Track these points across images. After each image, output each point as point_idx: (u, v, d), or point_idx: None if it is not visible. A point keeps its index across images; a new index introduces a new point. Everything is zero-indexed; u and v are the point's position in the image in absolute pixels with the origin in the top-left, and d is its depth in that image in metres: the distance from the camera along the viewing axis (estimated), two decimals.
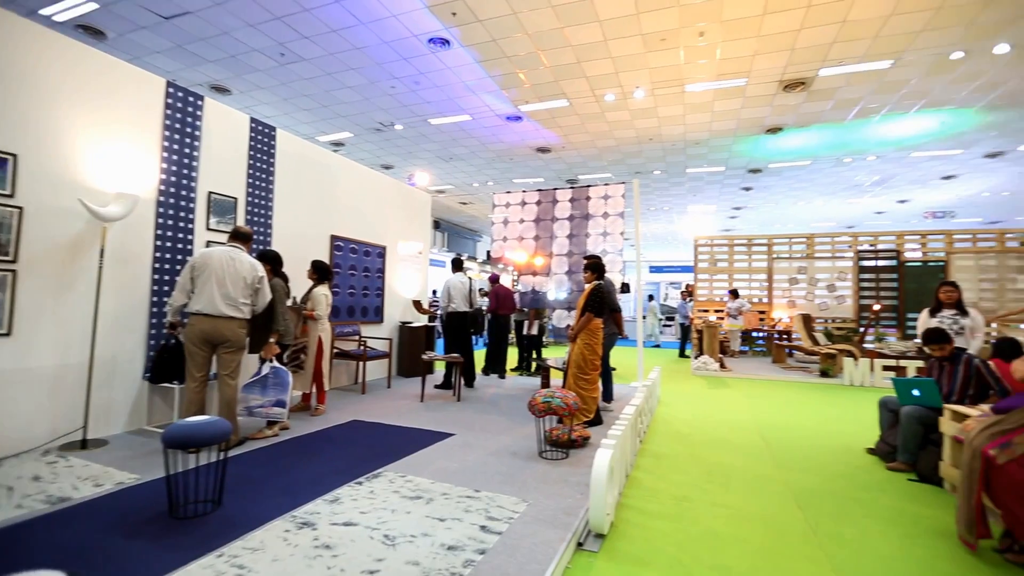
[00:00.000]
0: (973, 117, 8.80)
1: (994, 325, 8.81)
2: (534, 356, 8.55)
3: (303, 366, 4.91)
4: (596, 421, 4.65)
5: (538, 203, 7.27)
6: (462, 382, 6.26)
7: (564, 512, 2.74)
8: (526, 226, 7.29)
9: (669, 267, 25.88)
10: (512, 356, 9.23)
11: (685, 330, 12.07)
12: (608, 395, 5.58)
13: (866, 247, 10.71)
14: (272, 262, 4.31)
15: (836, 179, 12.84)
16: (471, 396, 6.13)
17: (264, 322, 4.08)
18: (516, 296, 7.35)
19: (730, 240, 11.83)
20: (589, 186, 6.96)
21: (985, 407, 3.14)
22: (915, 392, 3.80)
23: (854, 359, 8.09)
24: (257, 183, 5.28)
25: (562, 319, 6.77)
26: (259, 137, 5.34)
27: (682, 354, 11.96)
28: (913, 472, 3.72)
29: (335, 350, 6.14)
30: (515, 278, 7.87)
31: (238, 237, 3.95)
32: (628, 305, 18.38)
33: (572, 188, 7.09)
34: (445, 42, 6.83)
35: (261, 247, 5.22)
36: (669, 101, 8.37)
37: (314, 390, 5.00)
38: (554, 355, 8.08)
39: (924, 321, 4.92)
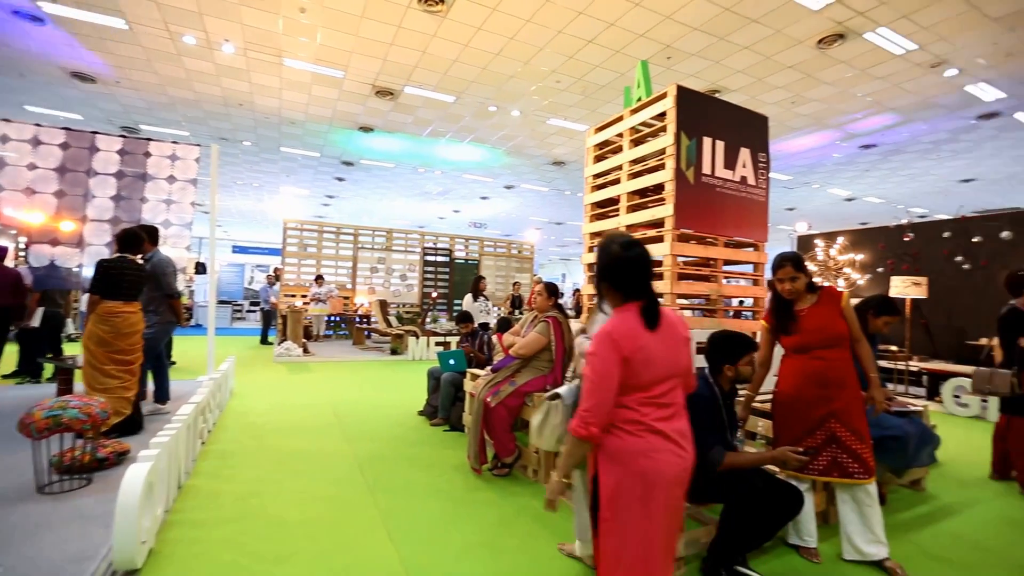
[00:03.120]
0: (500, 157, 12.05)
1: (500, 308, 12.37)
2: (49, 356, 6.13)
3: None
4: (132, 428, 3.77)
5: (64, 146, 5.32)
6: None
7: (73, 560, 2.08)
8: (41, 175, 5.21)
9: (257, 248, 24.05)
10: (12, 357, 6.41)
11: (267, 316, 11.45)
12: (163, 394, 4.65)
13: (430, 245, 13.01)
14: None
15: (413, 184, 15.02)
16: None
17: None
18: (26, 273, 5.14)
19: (320, 226, 12.03)
20: (150, 140, 5.60)
21: (488, 368, 4.32)
22: (451, 361, 4.85)
23: (416, 338, 9.70)
24: None
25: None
26: None
27: (264, 340, 11.32)
28: (447, 424, 4.74)
29: None
30: (22, 247, 5.52)
31: None
32: (203, 288, 16.00)
33: (124, 137, 5.53)
34: None
35: None
36: (264, 69, 7.70)
37: None
38: None
39: (469, 303, 6.43)
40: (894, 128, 9.27)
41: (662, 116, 3.96)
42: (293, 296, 11.35)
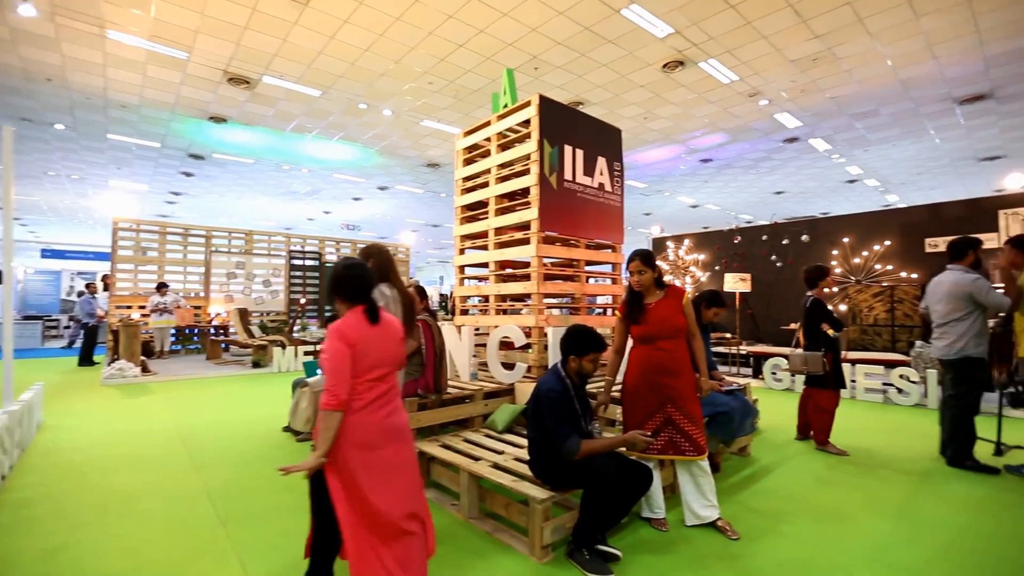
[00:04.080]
0: (373, 157, 11.62)
1: None
2: None
3: None
4: None
5: None
6: None
7: None
8: None
9: (79, 252, 20.31)
10: None
11: (91, 332, 9.69)
12: None
13: (297, 248, 12.12)
14: None
15: (277, 182, 13.85)
16: None
17: None
18: None
19: (162, 227, 10.55)
20: None
21: None
22: (319, 371, 4.55)
23: (283, 348, 8.96)
24: None
25: None
26: None
27: (87, 361, 9.57)
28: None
29: None
30: None
31: None
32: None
33: None
34: None
35: None
36: (81, 40, 6.53)
37: None
38: None
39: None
40: (725, 146, 10.75)
41: (527, 123, 4.14)
42: (128, 307, 9.80)
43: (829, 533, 2.73)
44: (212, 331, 10.60)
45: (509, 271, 4.52)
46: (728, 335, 8.58)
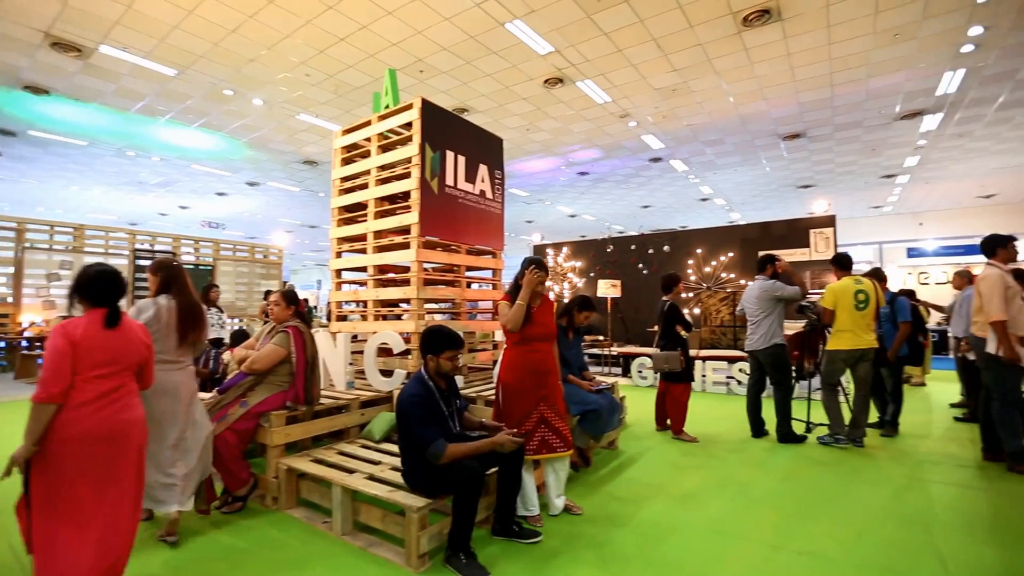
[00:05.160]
0: (240, 149, 10.59)
1: (245, 321, 10.89)
2: None
3: None
4: None
5: None
6: None
7: None
8: None
9: None
10: None
11: None
12: None
13: (145, 247, 10.59)
14: None
15: (119, 170, 12.01)
16: None
17: None
18: None
19: None
20: None
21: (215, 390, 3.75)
22: None
23: None
24: None
25: None
26: None
27: None
28: None
29: None
30: None
31: None
32: None
33: None
34: None
35: None
36: None
37: None
38: None
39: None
40: (599, 161, 11.59)
41: (408, 126, 4.08)
42: None
43: (680, 512, 3.06)
44: (24, 344, 8.81)
45: (389, 276, 4.41)
46: (601, 337, 9.22)
